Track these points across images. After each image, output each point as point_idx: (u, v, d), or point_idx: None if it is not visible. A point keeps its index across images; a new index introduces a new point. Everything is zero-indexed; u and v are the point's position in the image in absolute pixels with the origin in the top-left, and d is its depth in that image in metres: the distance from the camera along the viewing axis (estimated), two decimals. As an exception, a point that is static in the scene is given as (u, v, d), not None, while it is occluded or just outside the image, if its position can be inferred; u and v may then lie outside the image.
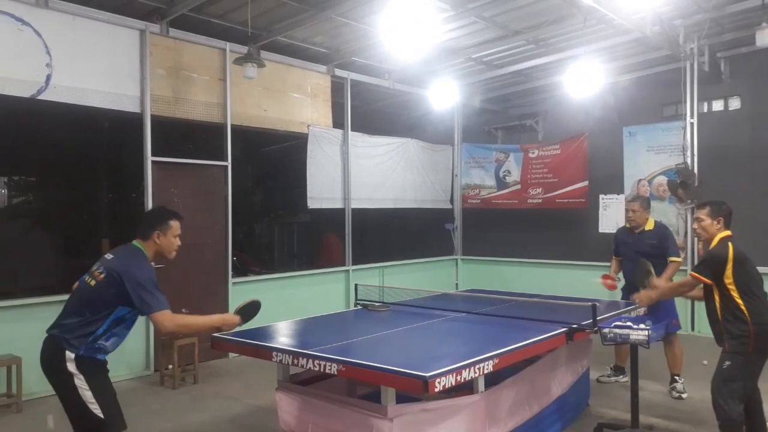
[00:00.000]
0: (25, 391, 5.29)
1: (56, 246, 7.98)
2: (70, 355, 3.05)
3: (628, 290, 5.49)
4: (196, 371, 6.15)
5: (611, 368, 6.01)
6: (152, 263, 3.33)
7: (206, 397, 5.71)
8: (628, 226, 5.82)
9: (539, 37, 7.71)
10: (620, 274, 5.85)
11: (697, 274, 3.98)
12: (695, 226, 4.21)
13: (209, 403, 5.50)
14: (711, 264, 3.93)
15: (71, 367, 3.04)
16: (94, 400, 3.06)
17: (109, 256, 3.28)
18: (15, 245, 7.51)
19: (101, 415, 3.07)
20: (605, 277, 5.73)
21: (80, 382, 3.05)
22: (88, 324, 3.10)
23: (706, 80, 8.05)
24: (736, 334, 3.85)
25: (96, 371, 3.15)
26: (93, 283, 3.16)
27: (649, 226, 5.66)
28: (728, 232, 4.06)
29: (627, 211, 5.81)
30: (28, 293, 5.92)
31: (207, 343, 4.25)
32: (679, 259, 5.52)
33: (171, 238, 3.36)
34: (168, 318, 3.16)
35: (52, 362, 3.11)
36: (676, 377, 5.51)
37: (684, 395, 5.38)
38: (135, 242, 3.34)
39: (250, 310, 3.51)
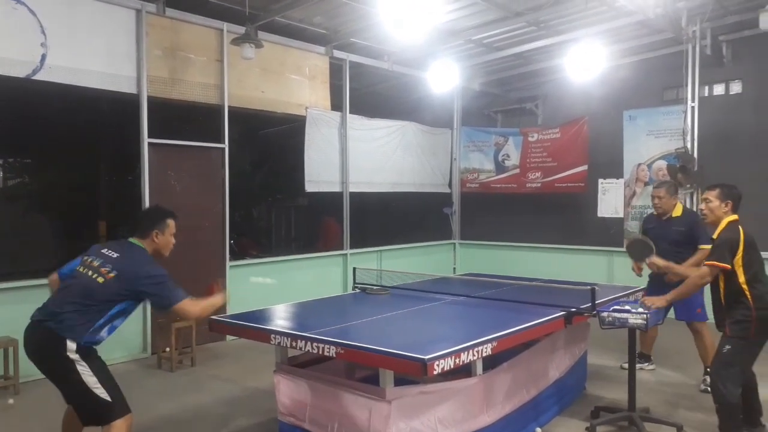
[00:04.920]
0: (22, 372, 5.28)
1: (53, 228, 7.95)
2: (71, 345, 3.08)
3: (654, 280, 5.32)
4: (194, 354, 6.15)
5: (636, 355, 5.88)
6: None
7: (204, 379, 5.72)
8: (655, 213, 5.59)
9: (540, 19, 7.62)
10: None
11: (714, 262, 3.85)
12: (702, 206, 4.13)
13: (207, 386, 5.50)
14: (726, 249, 3.84)
15: (73, 354, 3.07)
16: (99, 384, 3.10)
17: (112, 253, 3.30)
18: (11, 227, 7.48)
19: (108, 398, 3.11)
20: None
21: (83, 367, 3.09)
22: (89, 315, 3.14)
23: (708, 64, 7.98)
24: (737, 319, 3.85)
25: (95, 356, 3.20)
26: (101, 280, 3.19)
27: (677, 212, 5.40)
28: (735, 216, 4.00)
29: (653, 198, 5.54)
30: (24, 275, 5.89)
31: (205, 326, 4.25)
32: (708, 246, 5.32)
33: (168, 236, 3.48)
34: (190, 304, 3.32)
35: (48, 350, 3.12)
36: (709, 369, 5.07)
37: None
38: (134, 240, 3.42)
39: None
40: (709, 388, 5.09)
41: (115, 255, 3.29)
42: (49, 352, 3.12)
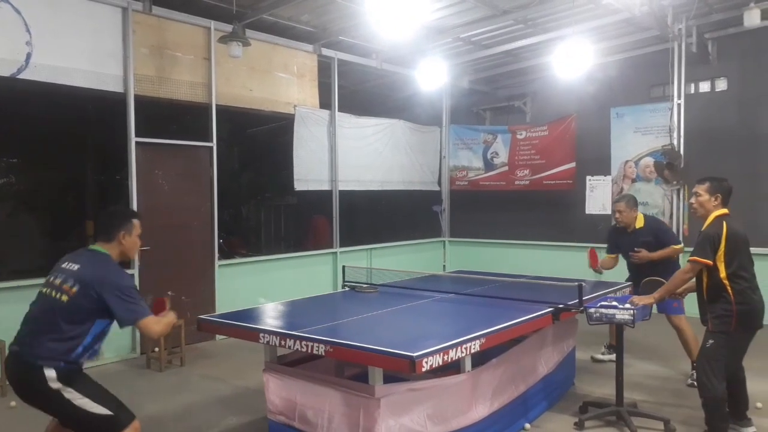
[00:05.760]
0: (9, 374, 5.23)
1: (39, 228, 7.87)
2: (50, 373, 2.88)
3: (634, 273, 5.46)
4: (183, 354, 6.13)
5: (606, 347, 6.01)
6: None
7: (193, 379, 5.70)
8: (618, 226, 5.69)
9: (528, 17, 7.65)
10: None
11: (696, 258, 3.90)
12: (692, 200, 4.15)
13: (196, 385, 5.49)
14: (707, 244, 3.88)
15: (55, 384, 2.88)
16: (94, 403, 2.95)
17: (72, 266, 3.06)
18: (-3, 228, 7.41)
19: (108, 412, 2.98)
20: (593, 256, 5.70)
21: (71, 394, 2.91)
22: (65, 341, 2.94)
23: (694, 61, 8.05)
24: (719, 314, 3.89)
25: (78, 375, 3.02)
26: (65, 298, 2.95)
27: (639, 223, 5.50)
28: (725, 211, 4.02)
29: (614, 212, 5.65)
30: (11, 276, 5.84)
31: (193, 325, 4.23)
32: (679, 246, 5.44)
33: (135, 237, 3.27)
34: (154, 322, 3.10)
35: (30, 386, 2.93)
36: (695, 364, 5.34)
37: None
38: (97, 246, 3.18)
39: None
40: (695, 383, 5.18)
41: (76, 267, 3.04)
42: (32, 387, 2.92)
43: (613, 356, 5.77)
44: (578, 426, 4.28)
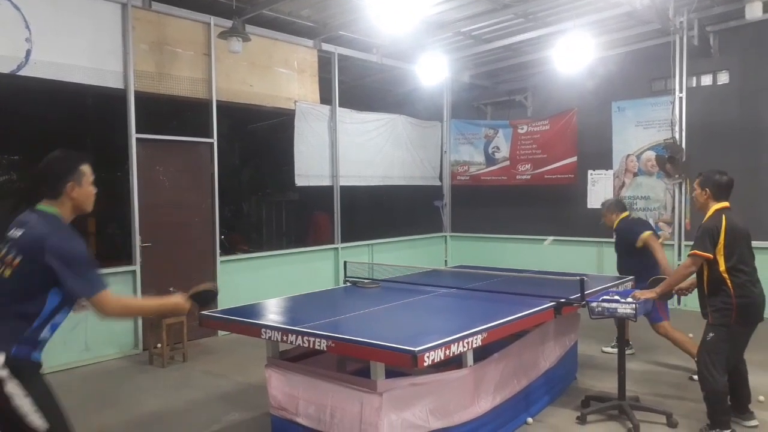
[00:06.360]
0: None
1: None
2: None
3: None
4: (185, 349, 6.14)
5: (617, 340, 6.05)
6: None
7: (196, 375, 5.71)
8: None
9: (528, 11, 7.62)
10: None
11: (697, 252, 3.90)
12: (692, 195, 4.25)
13: (199, 381, 5.50)
14: (706, 238, 3.89)
15: (1, 370, 2.40)
16: (35, 408, 2.43)
17: (16, 232, 2.54)
18: (-2, 225, 7.41)
19: (45, 425, 2.43)
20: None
21: (15, 388, 2.41)
22: (16, 319, 2.47)
23: (696, 54, 8.02)
24: (718, 307, 3.89)
25: (33, 374, 2.52)
26: (8, 272, 2.47)
27: (615, 225, 5.85)
28: (724, 204, 4.02)
29: (601, 217, 6.09)
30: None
31: (196, 321, 4.24)
32: (644, 235, 5.48)
33: (87, 186, 2.69)
34: (110, 300, 2.54)
35: None
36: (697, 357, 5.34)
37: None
38: (43, 206, 2.60)
39: (205, 297, 3.13)
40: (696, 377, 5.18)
41: (19, 233, 2.53)
42: None
43: (630, 350, 5.90)
44: (580, 420, 4.28)
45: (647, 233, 5.51)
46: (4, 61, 5.51)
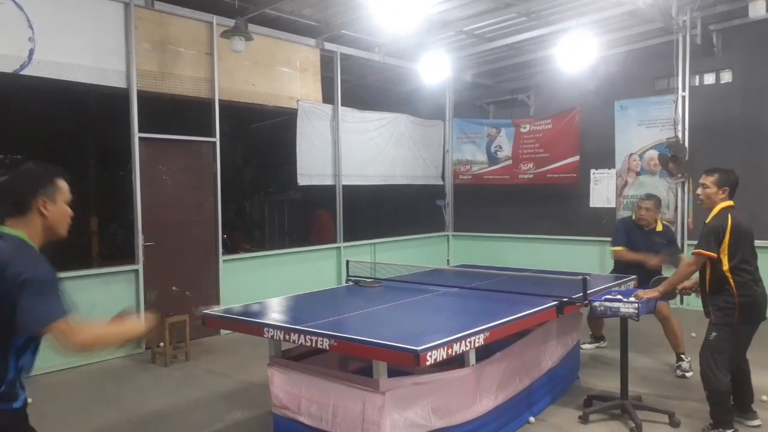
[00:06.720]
0: None
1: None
2: None
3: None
4: (188, 348, 6.15)
5: (590, 337, 6.23)
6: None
7: (198, 374, 5.72)
8: (635, 221, 5.78)
9: (531, 10, 7.61)
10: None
11: (701, 250, 3.89)
12: (699, 191, 4.12)
13: (201, 380, 5.51)
14: (711, 237, 3.86)
15: None
16: None
17: None
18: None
19: None
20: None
21: None
22: None
23: (699, 53, 8.00)
24: (721, 306, 3.88)
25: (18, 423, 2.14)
26: None
27: (659, 227, 5.70)
28: (730, 203, 3.99)
29: (639, 208, 5.73)
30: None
31: (198, 320, 4.25)
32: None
33: (62, 205, 2.25)
34: (71, 329, 2.06)
35: None
36: (682, 356, 5.36)
37: (688, 374, 5.24)
38: (6, 228, 2.15)
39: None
40: (685, 374, 5.21)
41: None
42: None
43: (599, 344, 6.18)
44: (583, 419, 4.28)
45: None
46: (7, 60, 5.52)
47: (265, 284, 7.34)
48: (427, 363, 2.98)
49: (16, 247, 2.10)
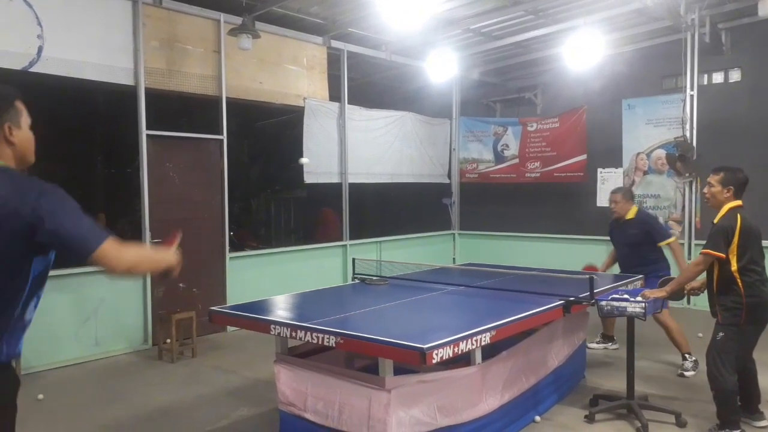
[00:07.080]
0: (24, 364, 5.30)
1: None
2: None
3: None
4: (195, 345, 6.17)
5: (600, 336, 6.17)
6: None
7: (205, 370, 5.74)
8: (612, 217, 5.86)
9: (539, 8, 7.59)
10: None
11: (709, 251, 3.87)
12: (705, 190, 4.11)
13: (208, 377, 5.53)
14: (720, 237, 3.84)
15: None
16: None
17: None
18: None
19: None
20: (587, 268, 5.79)
21: None
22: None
23: (707, 52, 7.96)
24: (728, 306, 3.86)
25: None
26: None
27: (630, 215, 5.66)
28: (738, 202, 3.97)
29: (610, 202, 5.79)
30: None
31: (205, 317, 4.26)
32: (671, 240, 5.57)
33: (26, 128, 2.07)
34: (118, 249, 1.92)
35: None
36: (686, 355, 5.34)
37: (687, 374, 5.24)
38: None
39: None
40: (684, 373, 5.19)
41: None
42: None
43: (608, 345, 6.09)
44: (589, 419, 4.27)
45: (674, 238, 5.67)
46: (16, 57, 5.55)
47: (271, 281, 7.37)
48: (434, 361, 2.99)
49: (18, 176, 1.94)
